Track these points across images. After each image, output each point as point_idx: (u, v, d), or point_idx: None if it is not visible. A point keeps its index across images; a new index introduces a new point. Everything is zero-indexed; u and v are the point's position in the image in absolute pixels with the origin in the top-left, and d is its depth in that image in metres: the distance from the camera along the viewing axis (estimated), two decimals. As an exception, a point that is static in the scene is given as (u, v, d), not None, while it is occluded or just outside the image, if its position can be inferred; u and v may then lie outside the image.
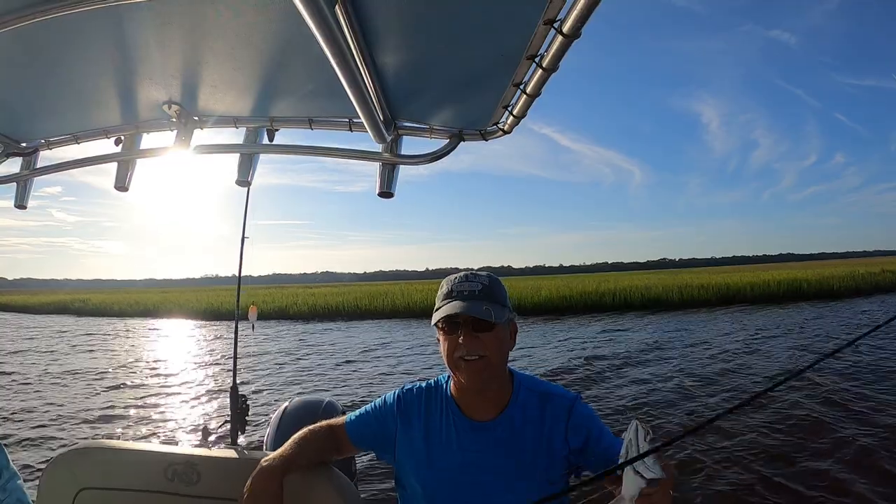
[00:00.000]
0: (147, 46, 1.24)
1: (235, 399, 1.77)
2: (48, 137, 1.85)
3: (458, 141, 1.62)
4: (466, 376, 1.26)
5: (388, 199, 1.73)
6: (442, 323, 1.28)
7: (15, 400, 8.40)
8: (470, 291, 1.27)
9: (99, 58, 1.31)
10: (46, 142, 1.87)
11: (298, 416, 1.82)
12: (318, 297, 28.04)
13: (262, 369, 10.86)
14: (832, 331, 13.18)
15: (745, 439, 5.32)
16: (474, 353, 1.23)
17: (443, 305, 1.29)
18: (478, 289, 1.28)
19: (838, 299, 22.13)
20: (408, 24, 1.11)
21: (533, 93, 1.26)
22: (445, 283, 1.34)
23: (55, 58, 1.30)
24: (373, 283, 76.70)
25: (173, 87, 1.47)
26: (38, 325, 24.30)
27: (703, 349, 11.26)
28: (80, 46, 1.24)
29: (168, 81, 1.43)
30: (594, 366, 9.78)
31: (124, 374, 10.68)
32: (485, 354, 1.24)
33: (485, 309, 1.23)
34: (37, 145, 1.89)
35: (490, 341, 1.24)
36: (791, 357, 9.88)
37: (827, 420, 5.86)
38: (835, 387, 7.27)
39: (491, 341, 1.24)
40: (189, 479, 1.42)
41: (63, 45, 1.23)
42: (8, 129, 1.77)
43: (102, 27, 1.16)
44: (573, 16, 0.94)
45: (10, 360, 13.19)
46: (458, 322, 1.25)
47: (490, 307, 1.24)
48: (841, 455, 4.81)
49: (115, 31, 1.18)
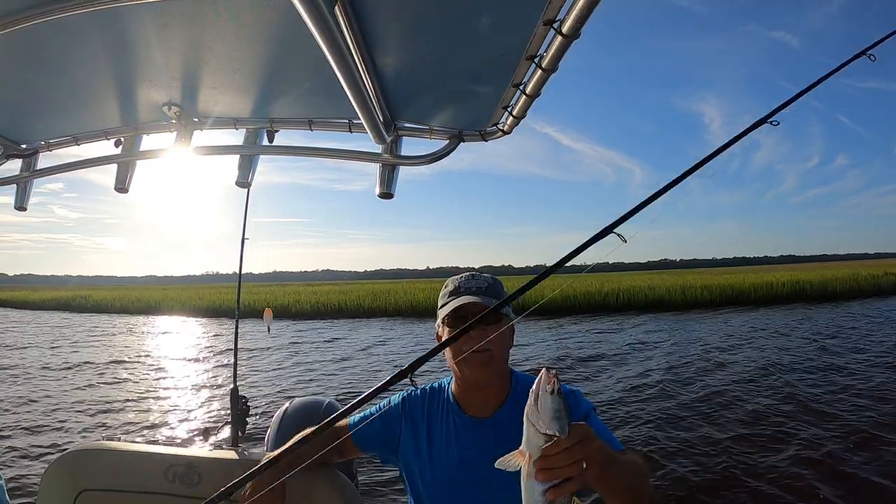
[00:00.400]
0: (147, 48, 1.24)
1: (236, 401, 1.77)
2: (48, 139, 1.85)
3: (458, 141, 1.61)
4: (471, 370, 1.29)
5: (389, 200, 1.73)
6: (449, 318, 1.32)
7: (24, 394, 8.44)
8: (477, 287, 1.34)
9: (99, 59, 1.31)
10: (46, 143, 1.87)
11: (299, 417, 1.82)
12: (321, 295, 27.89)
13: (277, 371, 10.70)
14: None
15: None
16: (481, 345, 1.24)
17: (449, 301, 1.34)
18: (484, 286, 1.35)
19: (838, 300, 22.14)
20: (407, 25, 1.11)
21: (532, 93, 1.26)
22: (450, 282, 1.39)
23: (55, 59, 1.30)
24: (374, 281, 76.39)
25: (173, 88, 1.47)
26: (39, 321, 24.19)
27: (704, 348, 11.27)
28: (80, 48, 1.24)
29: (168, 83, 1.43)
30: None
31: (127, 371, 10.68)
32: (489, 349, 1.26)
33: (493, 302, 1.27)
34: (37, 147, 1.89)
35: (496, 336, 1.26)
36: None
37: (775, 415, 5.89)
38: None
39: (497, 336, 1.27)
40: (190, 481, 1.42)
41: (63, 46, 1.23)
42: (8, 131, 1.77)
43: (102, 29, 1.16)
44: (572, 16, 0.94)
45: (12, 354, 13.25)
46: (465, 315, 1.29)
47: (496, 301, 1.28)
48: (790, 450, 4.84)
49: (115, 32, 1.18)
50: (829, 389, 7.22)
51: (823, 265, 59.90)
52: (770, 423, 5.83)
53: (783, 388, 7.35)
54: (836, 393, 7.02)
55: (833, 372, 8.34)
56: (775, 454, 4.93)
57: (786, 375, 8.19)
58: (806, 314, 17.71)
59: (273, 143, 1.74)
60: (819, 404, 6.48)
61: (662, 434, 5.62)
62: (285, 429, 1.78)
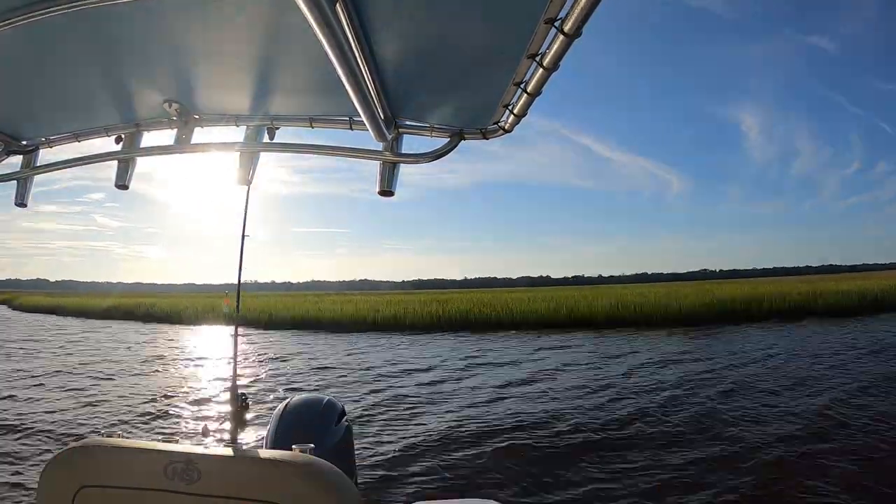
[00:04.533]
0: (148, 44, 1.25)
1: (235, 397, 1.77)
2: (49, 135, 1.85)
3: (459, 140, 1.62)
4: None
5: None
6: None
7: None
8: None
9: (100, 56, 1.31)
10: (47, 140, 1.87)
11: (298, 413, 1.82)
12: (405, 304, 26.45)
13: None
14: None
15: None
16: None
17: None
18: None
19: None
20: (408, 23, 1.11)
21: (534, 92, 1.26)
22: None
23: (56, 56, 1.30)
24: (417, 291, 74.22)
25: (174, 85, 1.47)
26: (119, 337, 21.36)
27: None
28: (81, 44, 1.24)
29: (169, 80, 1.44)
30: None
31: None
32: None
33: None
34: (37, 143, 1.89)
35: None
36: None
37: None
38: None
39: None
40: (189, 477, 1.42)
41: (63, 43, 1.23)
42: (8, 128, 1.78)
43: (104, 25, 1.16)
44: (574, 15, 0.94)
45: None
46: None
47: None
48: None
49: (116, 29, 1.18)
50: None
51: (866, 275, 55.63)
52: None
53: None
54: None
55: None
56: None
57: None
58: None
59: (274, 140, 1.75)
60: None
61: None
62: (285, 425, 1.78)
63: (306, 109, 1.65)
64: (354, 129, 1.66)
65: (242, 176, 1.84)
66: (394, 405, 8.51)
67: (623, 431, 6.72)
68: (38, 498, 1.46)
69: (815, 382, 9.09)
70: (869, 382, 8.77)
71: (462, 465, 5.65)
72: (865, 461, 5.20)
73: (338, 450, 1.76)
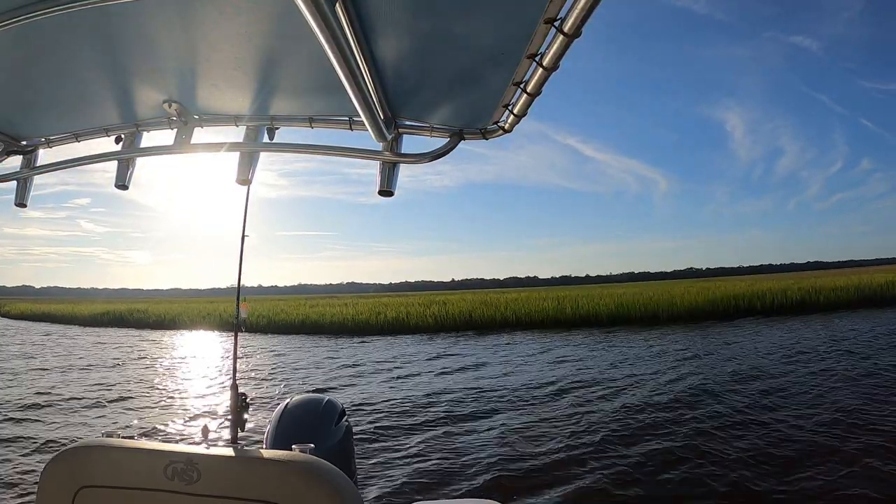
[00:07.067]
0: (147, 44, 1.25)
1: (235, 397, 1.77)
2: (48, 135, 1.85)
3: (459, 140, 1.62)
4: None
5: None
6: None
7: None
8: None
9: (99, 56, 1.31)
10: (46, 140, 1.87)
11: (298, 413, 1.82)
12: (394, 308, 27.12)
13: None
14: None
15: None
16: None
17: None
18: None
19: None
20: (408, 23, 1.11)
21: (533, 92, 1.26)
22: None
23: (56, 55, 1.30)
24: (403, 294, 74.48)
25: (173, 85, 1.47)
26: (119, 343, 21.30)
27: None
28: (80, 44, 1.24)
29: (168, 80, 1.44)
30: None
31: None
32: None
33: None
34: (37, 143, 1.89)
35: None
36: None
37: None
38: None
39: None
40: (189, 478, 1.42)
41: (64, 42, 1.23)
42: (8, 128, 1.78)
43: (103, 25, 1.16)
44: (574, 15, 0.94)
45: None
46: None
47: None
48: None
49: (116, 29, 1.18)
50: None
51: (851, 270, 56.38)
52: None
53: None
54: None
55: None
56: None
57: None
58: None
59: (273, 140, 1.75)
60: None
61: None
62: (285, 425, 1.78)
63: (306, 109, 1.65)
64: (354, 130, 1.66)
65: (242, 176, 1.84)
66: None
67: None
68: (37, 498, 1.46)
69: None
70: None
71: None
72: None
73: (338, 450, 1.76)
